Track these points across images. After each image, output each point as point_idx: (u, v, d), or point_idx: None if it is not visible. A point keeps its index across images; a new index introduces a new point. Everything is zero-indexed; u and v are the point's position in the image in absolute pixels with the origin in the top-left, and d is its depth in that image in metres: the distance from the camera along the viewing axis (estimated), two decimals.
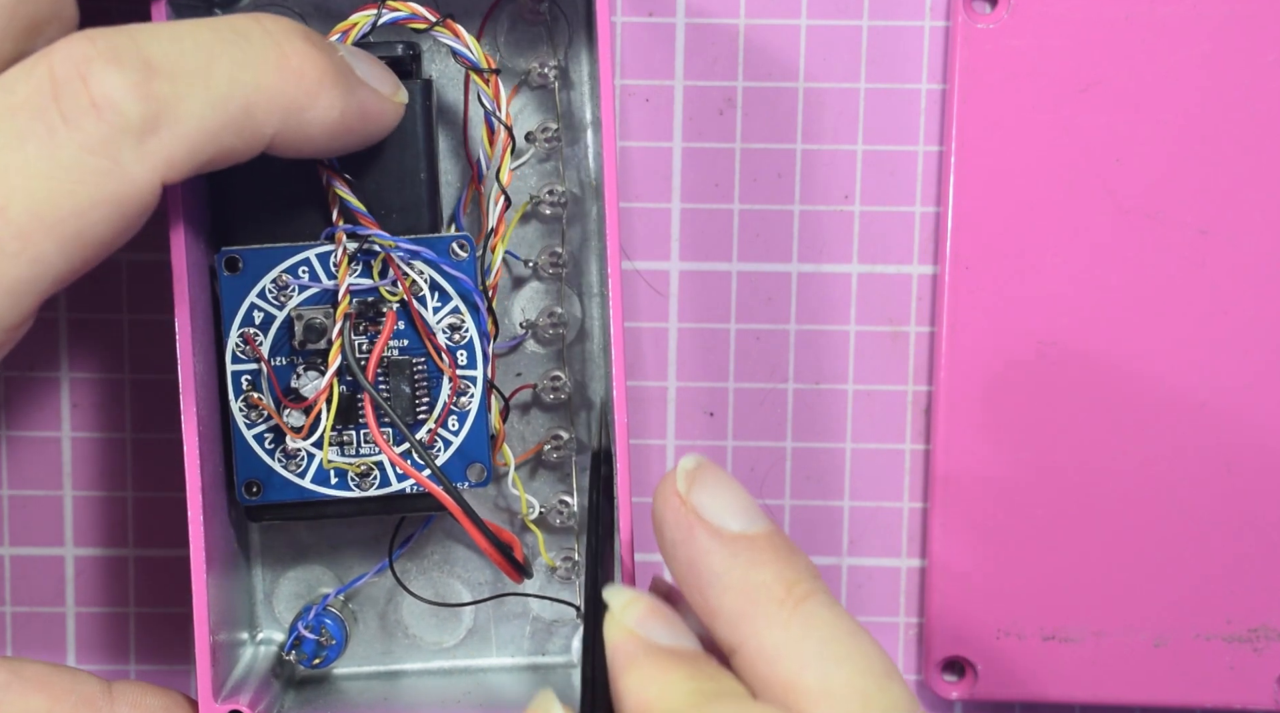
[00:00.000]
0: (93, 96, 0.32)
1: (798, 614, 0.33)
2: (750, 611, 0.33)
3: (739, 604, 0.34)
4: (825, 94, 0.45)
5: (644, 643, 0.34)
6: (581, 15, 0.42)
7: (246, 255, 0.39)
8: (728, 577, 0.34)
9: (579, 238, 0.43)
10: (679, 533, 0.34)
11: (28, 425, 0.45)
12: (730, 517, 0.34)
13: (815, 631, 0.33)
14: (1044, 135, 0.44)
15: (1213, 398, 0.45)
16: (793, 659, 0.33)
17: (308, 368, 0.39)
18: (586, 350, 0.43)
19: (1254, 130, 0.44)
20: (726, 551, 0.34)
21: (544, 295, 0.43)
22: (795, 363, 0.46)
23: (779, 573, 0.34)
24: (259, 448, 0.40)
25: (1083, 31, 0.44)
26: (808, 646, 0.33)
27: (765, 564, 0.34)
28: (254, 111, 0.34)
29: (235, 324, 0.39)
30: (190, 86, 0.33)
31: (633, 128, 0.45)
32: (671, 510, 0.34)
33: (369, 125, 0.37)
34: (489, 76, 0.39)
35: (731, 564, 0.34)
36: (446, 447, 0.40)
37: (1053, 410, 0.45)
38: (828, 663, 0.33)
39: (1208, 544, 0.45)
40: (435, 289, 0.39)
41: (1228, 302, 0.45)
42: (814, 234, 0.46)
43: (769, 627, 0.33)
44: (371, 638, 0.44)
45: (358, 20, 0.38)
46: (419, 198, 0.39)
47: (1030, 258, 0.45)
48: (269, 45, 0.34)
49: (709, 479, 0.35)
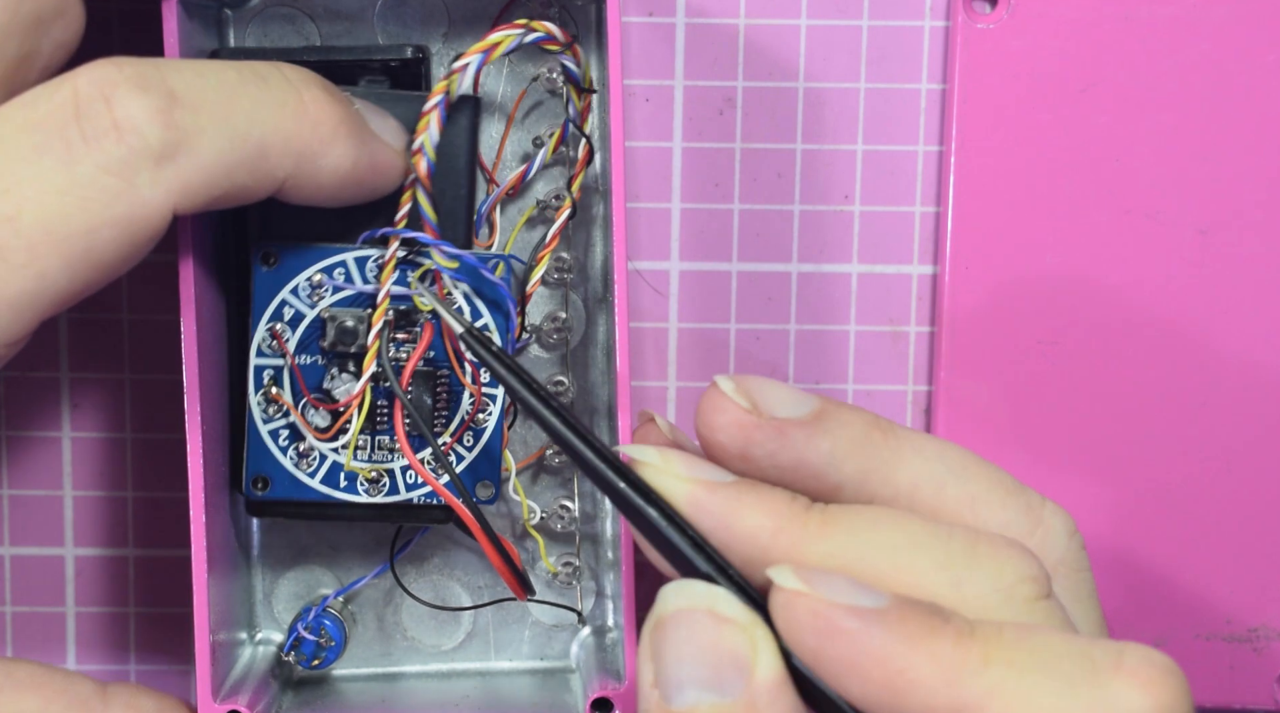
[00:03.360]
0: (115, 118, 0.32)
1: (902, 444, 0.34)
2: (868, 464, 0.34)
3: (858, 464, 0.34)
4: (825, 94, 0.45)
5: (721, 485, 0.33)
6: (591, 20, 0.42)
7: (283, 251, 0.39)
8: (837, 449, 0.34)
9: (584, 242, 0.43)
10: (772, 443, 0.33)
11: (28, 425, 0.45)
12: (797, 402, 0.34)
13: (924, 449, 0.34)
14: (1044, 135, 0.44)
15: (1213, 398, 0.45)
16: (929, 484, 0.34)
17: (342, 370, 0.39)
18: (590, 355, 0.43)
19: (1254, 130, 0.44)
20: (819, 429, 0.33)
21: (548, 300, 0.43)
22: (795, 363, 0.46)
23: (862, 418, 0.34)
24: (273, 444, 0.40)
25: (1083, 31, 0.44)
26: (932, 464, 0.34)
27: (849, 419, 0.34)
28: (269, 152, 0.34)
29: (265, 318, 0.39)
30: (211, 119, 0.33)
31: (633, 128, 0.45)
32: (755, 428, 0.33)
33: (378, 178, 0.37)
34: (584, 95, 0.40)
35: (832, 437, 0.34)
36: (459, 461, 0.40)
37: (1052, 410, 0.45)
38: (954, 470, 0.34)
39: (1208, 544, 0.45)
40: (468, 301, 0.39)
41: (1228, 302, 0.45)
42: (814, 234, 0.46)
43: (890, 468, 0.34)
44: (370, 640, 0.44)
45: (502, 39, 0.38)
46: (459, 212, 0.39)
47: (1030, 258, 0.45)
48: (289, 91, 0.35)
49: (754, 383, 0.34)
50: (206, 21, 0.41)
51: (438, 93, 0.37)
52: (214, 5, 0.41)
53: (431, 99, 0.37)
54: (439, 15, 0.42)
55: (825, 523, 0.32)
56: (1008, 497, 0.34)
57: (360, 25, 0.42)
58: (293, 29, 0.42)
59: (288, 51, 0.40)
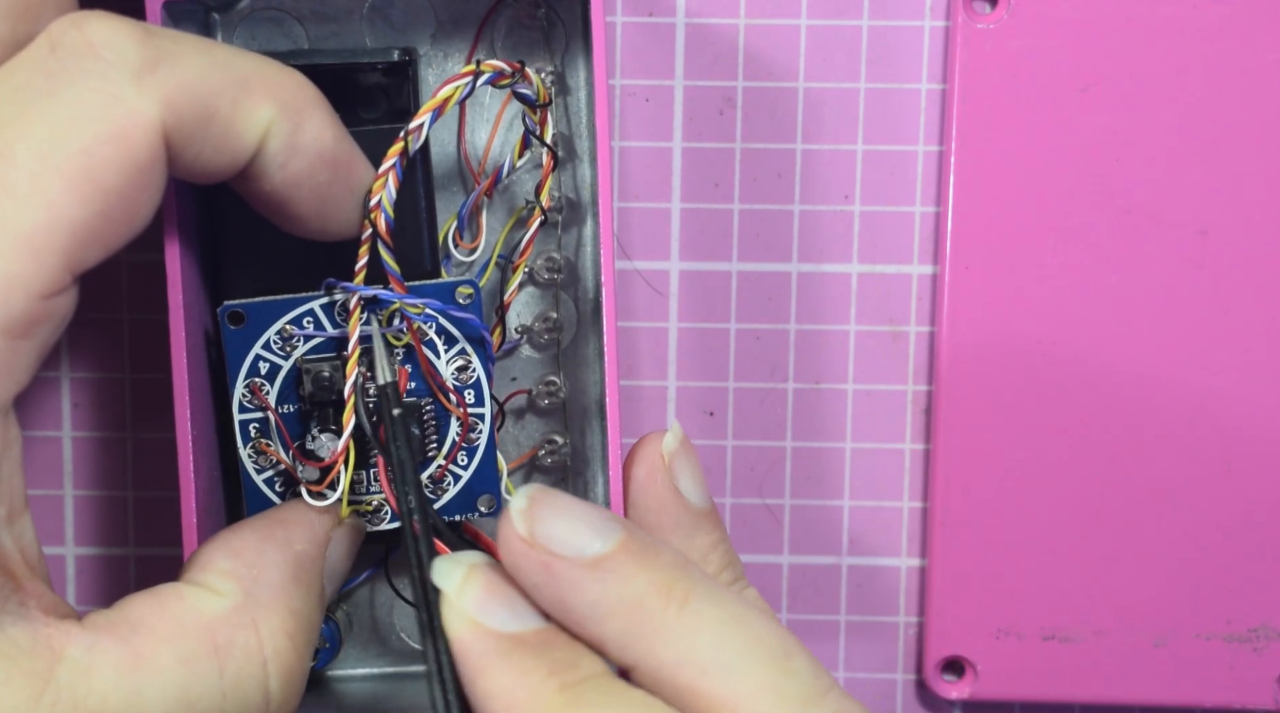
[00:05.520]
0: (91, 40, 0.32)
1: (683, 619, 0.32)
2: (635, 630, 0.32)
3: (624, 626, 0.32)
4: (825, 94, 0.45)
5: (493, 637, 0.32)
6: (578, 20, 0.42)
7: (250, 309, 0.39)
8: (604, 603, 0.32)
9: (574, 242, 0.43)
10: (538, 576, 0.33)
11: (28, 425, 0.45)
12: (584, 539, 0.33)
13: (704, 632, 0.32)
14: (1044, 135, 0.44)
15: (1213, 398, 0.45)
16: (691, 667, 0.32)
17: (321, 430, 0.39)
18: (582, 355, 0.43)
19: (1254, 130, 0.44)
20: (593, 577, 0.32)
21: (539, 300, 0.43)
22: (795, 363, 0.46)
23: (650, 580, 0.32)
24: (269, 491, 0.39)
25: (1083, 31, 0.44)
26: (701, 651, 0.32)
27: (634, 576, 0.32)
28: (252, 86, 0.34)
29: (241, 376, 0.39)
30: (190, 47, 0.33)
31: (633, 128, 0.45)
32: (522, 557, 0.33)
33: (352, 178, 0.36)
34: (539, 109, 0.40)
35: (603, 590, 0.32)
36: (456, 481, 0.40)
37: (1052, 410, 0.45)
38: (726, 663, 0.32)
39: (1208, 544, 0.45)
40: (441, 333, 0.39)
41: (1228, 302, 0.45)
42: (814, 234, 0.46)
43: (659, 641, 0.32)
44: (365, 641, 0.44)
45: (452, 93, 0.38)
46: (420, 243, 0.39)
47: (1030, 258, 0.45)
48: (271, 58, 0.35)
49: (546, 510, 0.33)
50: (194, 25, 0.41)
51: (394, 153, 0.37)
52: (201, 9, 0.41)
53: (387, 161, 0.37)
54: (426, 17, 0.42)
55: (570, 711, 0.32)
56: (776, 709, 0.32)
57: (347, 28, 0.42)
58: (280, 32, 0.42)
59: (275, 55, 0.40)
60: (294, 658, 0.35)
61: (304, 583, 0.36)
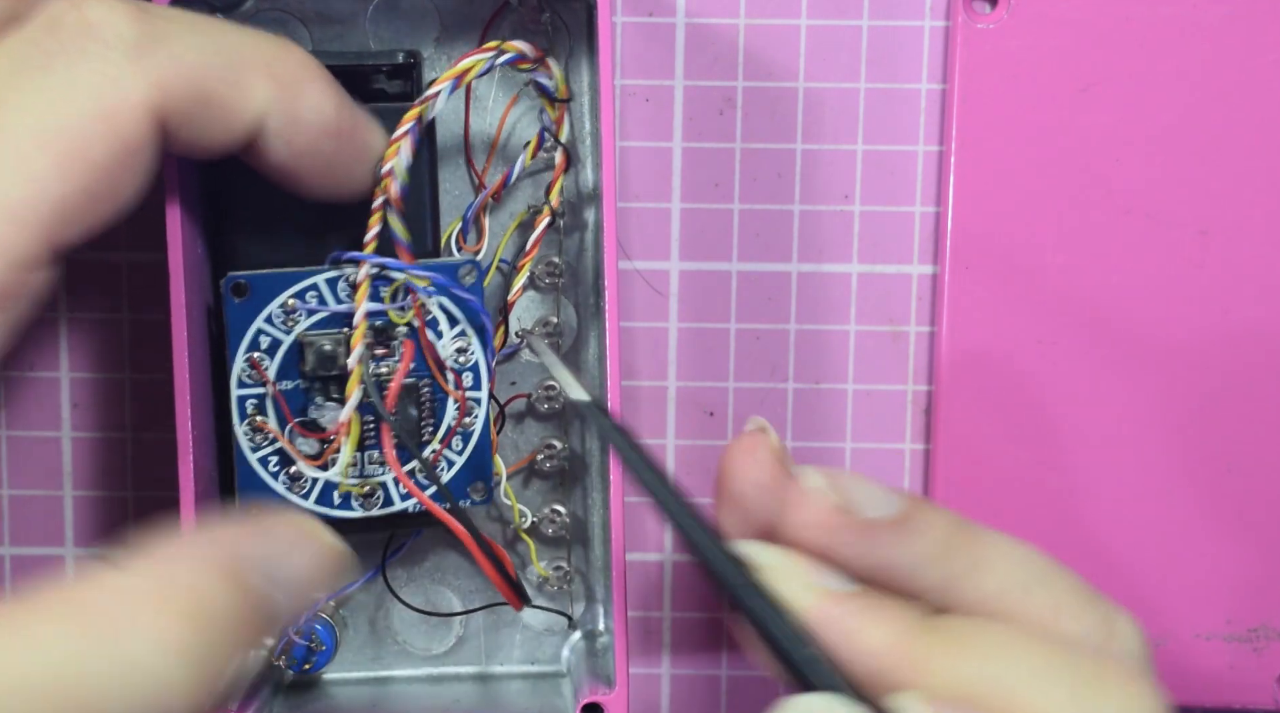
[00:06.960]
0: (88, 20, 0.33)
1: (986, 550, 0.34)
2: (953, 571, 0.33)
3: (943, 571, 0.33)
4: (825, 94, 0.45)
5: (847, 597, 0.33)
6: (582, 25, 0.42)
7: (254, 280, 0.39)
8: (922, 553, 0.33)
9: (576, 246, 0.43)
10: (861, 543, 0.33)
11: (28, 425, 0.46)
12: (886, 502, 0.33)
13: (1005, 556, 0.34)
14: (1044, 135, 0.44)
15: (1212, 398, 0.45)
16: (1015, 590, 0.33)
17: (326, 399, 0.39)
18: (583, 358, 0.43)
19: (1254, 130, 0.44)
20: (906, 532, 0.33)
21: (540, 304, 0.43)
22: (795, 363, 0.46)
23: (947, 523, 0.34)
24: (263, 471, 0.39)
25: (1082, 31, 0.44)
26: (1014, 573, 0.33)
27: (934, 523, 0.33)
28: (249, 66, 0.34)
29: (242, 349, 0.39)
30: (187, 27, 0.34)
31: (633, 128, 0.45)
32: (842, 527, 0.33)
33: (358, 145, 0.37)
34: (557, 105, 0.40)
35: (918, 541, 0.33)
36: (450, 466, 0.40)
37: (1052, 410, 0.45)
38: (1036, 576, 0.34)
39: (1208, 544, 0.45)
40: (444, 312, 0.39)
41: (1228, 302, 0.45)
42: (814, 234, 0.46)
43: (977, 574, 0.33)
44: (361, 644, 0.44)
45: (473, 64, 0.38)
46: (423, 223, 0.39)
47: (1030, 258, 0.45)
48: (268, 33, 0.35)
49: (848, 482, 0.34)
50: None
51: (410, 119, 0.37)
52: (205, 9, 0.41)
53: (403, 125, 0.37)
54: (430, 20, 0.42)
55: (950, 642, 0.32)
56: (1086, 605, 0.34)
57: (352, 30, 0.42)
58: (285, 33, 0.41)
59: None
60: (201, 648, 0.30)
61: (229, 577, 0.32)
